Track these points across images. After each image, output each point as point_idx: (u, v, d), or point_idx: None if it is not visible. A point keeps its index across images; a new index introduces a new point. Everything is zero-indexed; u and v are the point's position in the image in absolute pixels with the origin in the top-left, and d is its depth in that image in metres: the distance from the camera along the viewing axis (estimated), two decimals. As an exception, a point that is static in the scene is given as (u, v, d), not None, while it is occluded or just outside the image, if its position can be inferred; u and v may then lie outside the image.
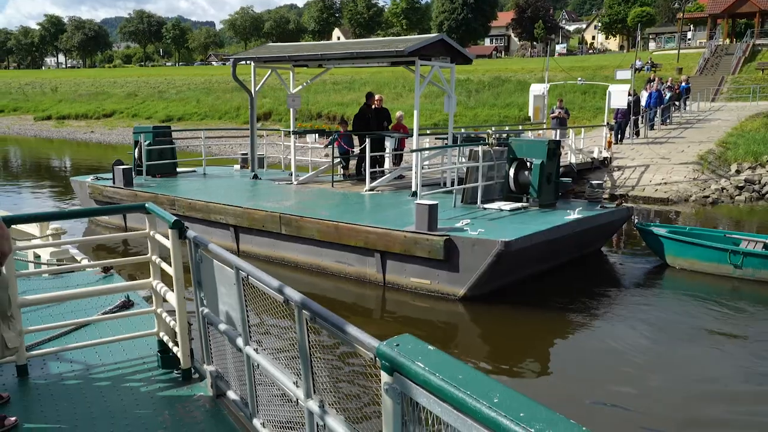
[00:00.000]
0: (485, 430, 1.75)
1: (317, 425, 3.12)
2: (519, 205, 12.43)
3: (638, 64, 40.88)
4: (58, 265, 7.71)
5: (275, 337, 3.88)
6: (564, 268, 12.06)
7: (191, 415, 4.37)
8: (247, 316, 3.82)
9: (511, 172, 12.79)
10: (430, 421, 2.07)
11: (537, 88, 24.86)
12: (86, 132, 47.68)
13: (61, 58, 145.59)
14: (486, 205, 12.42)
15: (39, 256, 8.67)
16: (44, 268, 7.75)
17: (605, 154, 22.65)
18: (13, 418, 4.18)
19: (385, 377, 2.23)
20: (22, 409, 4.38)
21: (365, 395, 3.17)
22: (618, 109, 24.43)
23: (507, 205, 12.32)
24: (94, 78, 71.22)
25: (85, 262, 8.10)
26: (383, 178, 15.33)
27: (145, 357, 5.24)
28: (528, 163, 12.74)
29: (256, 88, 16.36)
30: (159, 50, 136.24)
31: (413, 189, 13.68)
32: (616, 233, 14.20)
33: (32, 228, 9.03)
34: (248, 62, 16.27)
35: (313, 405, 3.11)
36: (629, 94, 23.19)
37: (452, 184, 14.02)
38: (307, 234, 11.65)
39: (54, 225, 8.54)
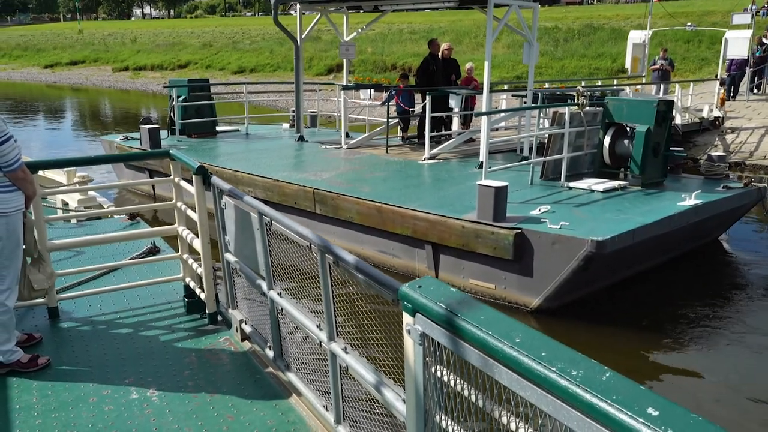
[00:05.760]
0: (507, 370, 1.72)
1: (340, 367, 3.13)
2: (615, 184, 9.76)
3: (753, 8, 35.97)
4: (86, 211, 7.96)
5: (298, 281, 3.65)
6: (671, 265, 9.43)
7: (217, 357, 4.43)
8: (271, 261, 3.80)
9: (607, 140, 10.08)
10: (451, 362, 2.04)
11: (637, 36, 21.53)
12: (159, 83, 46.85)
13: (147, 9, 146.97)
14: (572, 183, 9.82)
15: (67, 204, 8.79)
16: (72, 214, 8.00)
17: (716, 113, 19.24)
18: (46, 358, 4.29)
19: (407, 319, 2.19)
20: (54, 350, 4.48)
21: (387, 337, 2.71)
22: (732, 59, 20.90)
23: (600, 184, 9.68)
24: (172, 28, 70.47)
25: (111, 209, 8.47)
26: (447, 143, 12.86)
27: (172, 301, 5.33)
28: (629, 130, 10.03)
29: (302, 36, 14.05)
30: (240, 0, 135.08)
31: (481, 159, 11.19)
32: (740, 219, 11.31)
33: (61, 177, 9.26)
34: (292, 10, 13.89)
35: (336, 347, 3.11)
36: (759, 44, 19.47)
37: (530, 154, 11.44)
38: (345, 216, 9.46)
39: (81, 173, 9.00)
